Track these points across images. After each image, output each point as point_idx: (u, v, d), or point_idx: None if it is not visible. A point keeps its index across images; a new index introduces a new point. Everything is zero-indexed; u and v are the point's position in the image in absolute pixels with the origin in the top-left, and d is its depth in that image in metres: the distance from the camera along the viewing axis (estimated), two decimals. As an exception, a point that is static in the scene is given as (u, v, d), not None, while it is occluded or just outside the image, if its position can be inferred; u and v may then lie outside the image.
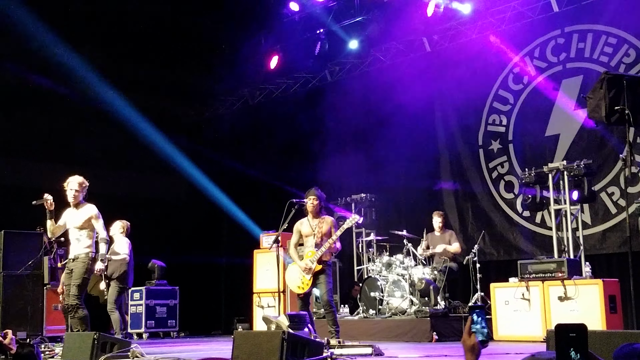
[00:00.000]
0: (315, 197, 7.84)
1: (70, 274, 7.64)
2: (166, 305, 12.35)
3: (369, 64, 12.84)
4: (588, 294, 8.03)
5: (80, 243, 7.66)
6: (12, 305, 10.78)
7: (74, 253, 7.68)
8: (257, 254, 11.39)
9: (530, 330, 8.44)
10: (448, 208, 11.41)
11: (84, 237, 7.67)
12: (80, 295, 7.54)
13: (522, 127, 10.90)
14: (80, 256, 7.61)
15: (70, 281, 7.62)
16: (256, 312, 11.13)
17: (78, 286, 7.51)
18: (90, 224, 7.69)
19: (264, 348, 5.57)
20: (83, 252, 7.62)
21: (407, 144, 11.76)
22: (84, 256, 7.61)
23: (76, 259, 7.61)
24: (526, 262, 8.73)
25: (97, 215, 7.72)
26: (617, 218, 9.67)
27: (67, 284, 7.70)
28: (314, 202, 7.83)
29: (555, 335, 2.01)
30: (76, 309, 7.52)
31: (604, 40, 10.07)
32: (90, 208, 7.74)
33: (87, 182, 7.82)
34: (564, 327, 2.01)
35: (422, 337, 9.13)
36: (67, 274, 7.69)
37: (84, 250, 7.63)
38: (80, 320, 7.55)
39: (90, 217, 7.67)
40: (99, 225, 7.71)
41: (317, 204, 7.84)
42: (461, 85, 11.51)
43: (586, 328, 2.00)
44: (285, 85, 13.94)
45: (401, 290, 9.95)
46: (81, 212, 7.70)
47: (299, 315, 7.23)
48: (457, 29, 11.60)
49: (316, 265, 7.67)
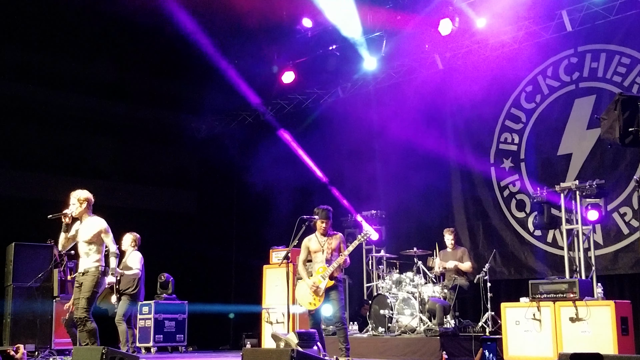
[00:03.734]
0: (326, 220, 7.83)
1: (79, 288, 7.62)
2: (175, 319, 12.32)
3: (381, 81, 12.84)
4: (600, 315, 7.94)
5: (90, 257, 7.62)
6: (21, 318, 10.80)
7: (84, 267, 7.64)
8: (266, 269, 11.36)
9: (541, 351, 8.34)
10: (459, 226, 11.36)
11: (93, 251, 7.63)
12: (89, 309, 7.52)
13: (534, 146, 10.86)
14: (90, 270, 7.57)
15: (79, 295, 7.60)
16: (265, 328, 11.08)
17: (87, 299, 7.49)
18: (100, 238, 7.65)
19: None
20: (93, 266, 7.59)
21: (418, 161, 11.74)
22: (94, 270, 7.58)
23: (86, 272, 7.58)
24: (537, 282, 8.65)
25: (106, 229, 7.68)
26: (629, 239, 9.59)
27: (76, 297, 7.67)
28: (322, 224, 7.84)
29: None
30: (85, 322, 7.48)
31: (617, 60, 10.04)
32: (99, 222, 7.70)
33: (89, 195, 7.72)
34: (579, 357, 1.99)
35: (432, 356, 9.05)
36: (77, 288, 7.66)
37: (93, 264, 7.60)
38: (88, 334, 7.51)
39: (99, 232, 7.63)
40: (108, 239, 7.68)
41: (328, 225, 7.85)
42: (473, 102, 11.50)
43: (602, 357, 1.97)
44: (297, 100, 13.96)
45: (411, 308, 9.90)
46: (90, 226, 7.66)
47: (308, 333, 7.20)
48: (469, 47, 11.59)
49: (328, 281, 7.63)
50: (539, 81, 10.91)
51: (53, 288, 10.81)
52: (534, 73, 10.95)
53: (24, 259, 10.92)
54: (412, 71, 12.41)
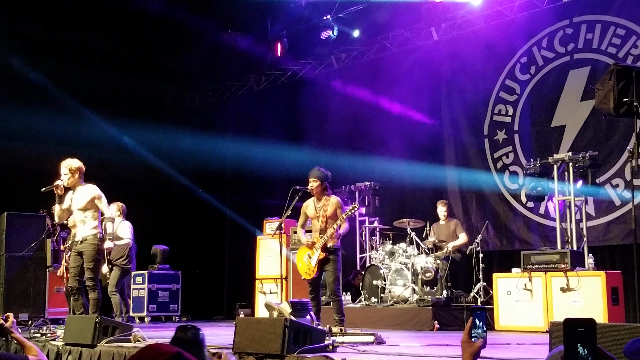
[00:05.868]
0: (315, 179, 7.46)
1: (79, 256, 7.56)
2: (168, 289, 12.37)
3: (375, 51, 12.76)
4: (590, 285, 8.01)
5: (86, 225, 7.58)
6: (14, 287, 10.83)
7: (81, 235, 7.60)
8: (260, 240, 11.39)
9: (532, 320, 8.43)
10: (452, 197, 11.38)
11: (89, 218, 7.58)
12: (96, 277, 7.52)
13: (528, 118, 10.85)
14: (88, 238, 7.53)
15: (76, 263, 7.56)
16: (258, 298, 11.14)
17: (92, 269, 7.47)
18: (94, 204, 7.59)
19: (266, 335, 5.56)
20: (90, 233, 7.55)
21: (412, 132, 11.73)
22: (92, 237, 7.54)
23: (84, 240, 7.53)
24: (529, 253, 8.71)
25: (99, 195, 7.61)
26: (621, 210, 9.63)
27: (73, 266, 7.63)
28: (313, 184, 7.48)
29: (564, 330, 1.99)
30: (93, 290, 7.50)
31: (613, 31, 9.99)
32: (92, 188, 7.64)
33: (79, 164, 7.63)
34: (572, 322, 1.99)
35: (424, 325, 9.14)
36: (75, 256, 7.60)
37: (91, 231, 7.56)
38: (93, 302, 7.53)
39: (92, 198, 7.57)
40: (102, 205, 7.61)
41: (317, 185, 7.46)
42: (468, 74, 11.46)
43: (595, 323, 1.98)
44: (291, 71, 13.89)
45: (404, 278, 9.95)
46: (83, 194, 7.59)
47: (301, 302, 7.21)
48: (464, 17, 11.52)
49: (320, 253, 7.38)
50: (533, 52, 10.86)
51: (46, 258, 10.81)
52: (529, 44, 10.90)
53: (16, 228, 10.92)
54: (407, 42, 12.33)
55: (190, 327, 3.36)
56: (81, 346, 6.85)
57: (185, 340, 3.24)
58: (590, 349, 1.95)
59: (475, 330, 2.43)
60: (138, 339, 6.76)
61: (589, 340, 1.95)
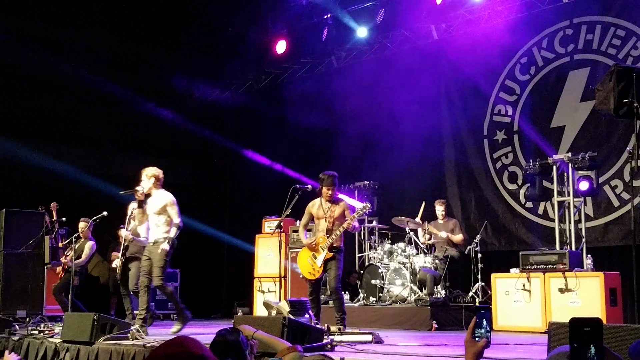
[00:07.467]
0: (332, 187, 7.59)
1: (148, 259, 7.96)
2: (167, 287, 12.32)
3: (375, 51, 12.75)
4: (589, 286, 8.02)
5: (159, 228, 8.04)
6: (12, 284, 10.81)
7: (154, 237, 8.04)
8: (259, 238, 11.38)
9: (530, 321, 8.43)
10: (451, 197, 11.39)
11: (161, 222, 8.03)
12: (164, 276, 7.99)
13: (528, 118, 10.85)
14: (159, 240, 7.97)
15: (147, 263, 7.96)
16: (257, 296, 11.13)
17: (160, 267, 7.90)
18: (166, 210, 8.01)
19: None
20: (162, 236, 7.98)
21: (411, 131, 11.70)
22: (163, 240, 7.96)
23: (156, 243, 7.98)
24: (528, 253, 8.71)
25: (172, 201, 8.05)
26: (619, 211, 9.64)
27: (145, 265, 8.00)
28: (328, 191, 7.61)
29: (570, 329, 1.98)
30: (163, 288, 8.09)
31: (613, 32, 9.99)
32: (166, 195, 8.10)
33: (157, 171, 8.17)
34: (578, 322, 1.98)
35: (422, 325, 9.13)
36: (146, 258, 8.01)
37: (162, 235, 7.99)
38: (170, 295, 8.42)
39: (165, 204, 8.01)
40: (173, 211, 8.03)
41: (332, 193, 7.62)
42: (468, 74, 11.44)
43: (602, 323, 1.97)
44: (291, 70, 13.87)
45: (402, 278, 9.95)
46: (158, 199, 8.06)
47: (300, 301, 7.22)
48: (465, 17, 11.52)
49: (327, 253, 7.46)
50: (533, 53, 10.86)
51: (44, 255, 10.80)
52: (529, 44, 10.90)
53: (15, 225, 10.90)
54: (407, 41, 12.33)
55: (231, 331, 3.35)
56: (79, 343, 6.85)
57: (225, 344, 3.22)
58: (597, 348, 1.94)
59: (478, 330, 2.42)
60: (136, 337, 6.76)
61: (595, 340, 1.94)
